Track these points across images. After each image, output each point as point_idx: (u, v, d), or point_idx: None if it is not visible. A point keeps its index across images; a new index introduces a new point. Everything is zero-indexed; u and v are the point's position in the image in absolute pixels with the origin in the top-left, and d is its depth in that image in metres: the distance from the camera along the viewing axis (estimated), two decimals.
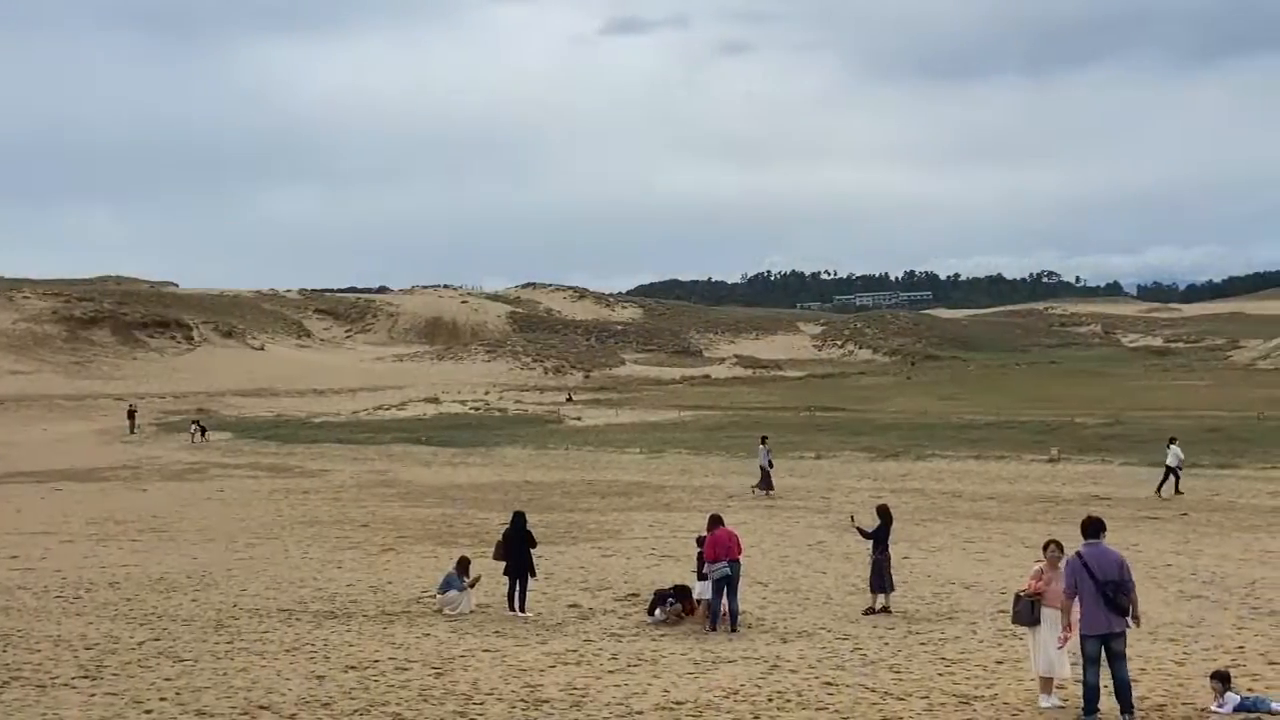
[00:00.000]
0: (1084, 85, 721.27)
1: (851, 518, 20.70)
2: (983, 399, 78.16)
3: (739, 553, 17.92)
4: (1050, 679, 12.94)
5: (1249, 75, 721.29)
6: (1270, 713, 12.15)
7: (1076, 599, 12.12)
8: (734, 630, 17.28)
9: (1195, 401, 73.15)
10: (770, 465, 36.28)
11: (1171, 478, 33.87)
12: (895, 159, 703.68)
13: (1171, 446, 34.28)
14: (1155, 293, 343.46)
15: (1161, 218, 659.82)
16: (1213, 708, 12.38)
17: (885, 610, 18.49)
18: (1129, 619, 12.14)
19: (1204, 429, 51.47)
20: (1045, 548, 13.36)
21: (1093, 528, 12.45)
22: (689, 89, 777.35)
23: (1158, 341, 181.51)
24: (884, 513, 19.49)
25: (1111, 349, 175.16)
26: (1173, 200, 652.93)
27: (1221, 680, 12.54)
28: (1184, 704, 12.52)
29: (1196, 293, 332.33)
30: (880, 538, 18.99)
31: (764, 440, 37.82)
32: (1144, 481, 36.94)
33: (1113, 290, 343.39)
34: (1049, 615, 12.85)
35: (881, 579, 18.77)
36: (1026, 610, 13.01)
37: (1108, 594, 12.02)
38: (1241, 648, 15.38)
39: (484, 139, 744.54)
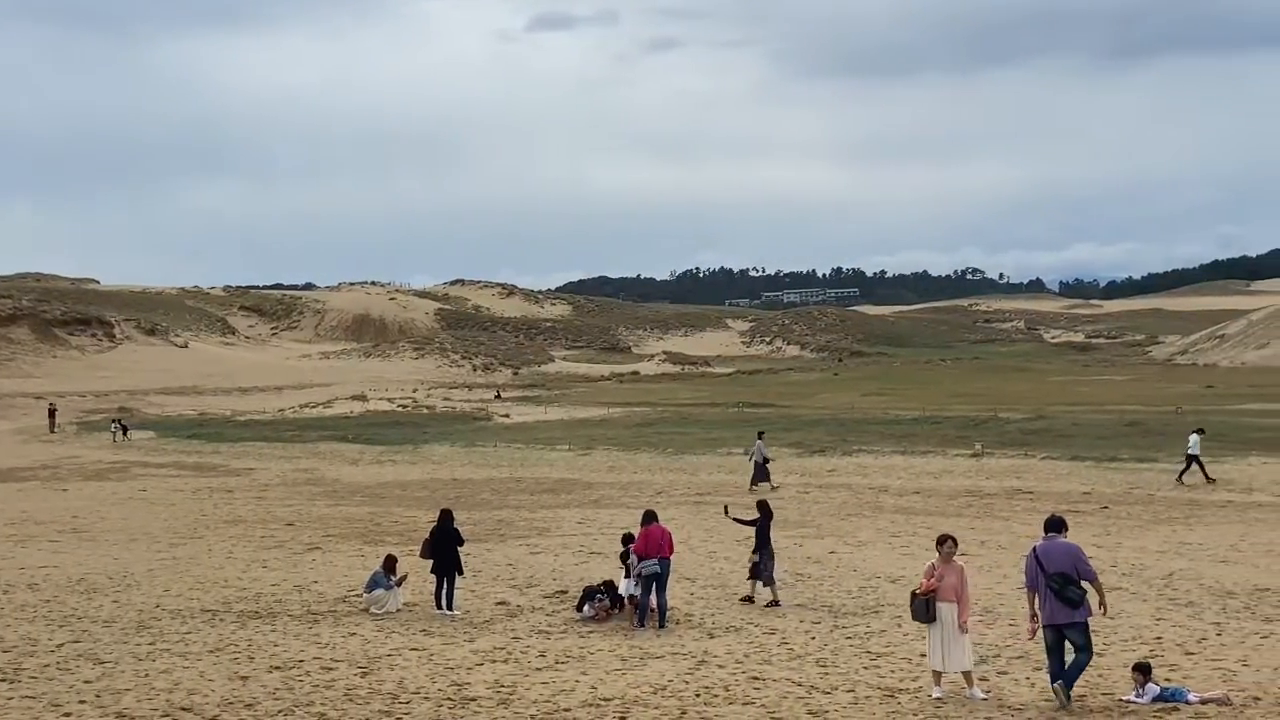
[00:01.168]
0: (1009, 83, 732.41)
1: (725, 508, 20.78)
2: (908, 395, 78.93)
3: (670, 551, 17.98)
4: (941, 672, 13.12)
5: (1171, 75, 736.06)
6: (1187, 703, 12.39)
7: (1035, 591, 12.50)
8: (662, 627, 17.33)
9: (1115, 396, 74.39)
10: (766, 460, 36.32)
11: (1195, 465, 34.57)
12: (823, 156, 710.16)
13: (1193, 435, 34.96)
14: (1077, 289, 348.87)
15: (1084, 215, 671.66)
16: (1132, 698, 12.60)
17: (774, 603, 18.72)
18: (1087, 609, 12.43)
19: (1123, 423, 52.37)
20: (940, 544, 13.47)
21: (1052, 524, 12.86)
22: (618, 85, 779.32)
23: (1079, 337, 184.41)
24: (763, 508, 19.68)
25: (1034, 345, 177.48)
26: (1095, 198, 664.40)
27: (1142, 672, 12.78)
28: (1103, 694, 12.73)
29: (1117, 289, 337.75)
30: (760, 533, 19.16)
31: (760, 435, 37.85)
32: (1065, 475, 37.52)
33: (1036, 287, 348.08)
34: (944, 610, 13.03)
35: (760, 570, 18.95)
36: (922, 608, 13.16)
37: (1054, 587, 12.36)
38: (1159, 639, 15.66)
39: (411, 135, 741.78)
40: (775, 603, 18.76)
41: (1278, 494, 32.25)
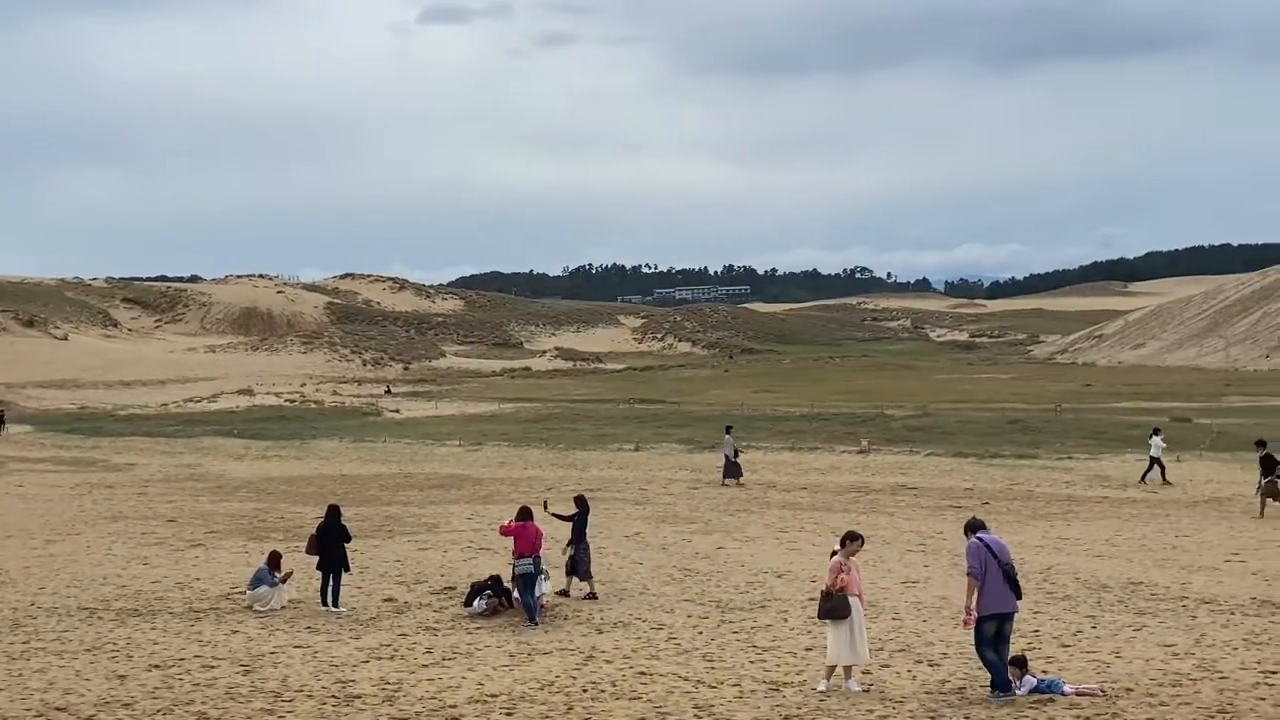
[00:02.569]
0: (899, 85, 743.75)
1: (545, 504, 20.82)
2: (797, 391, 79.83)
3: (540, 548, 17.97)
4: (853, 666, 13.30)
5: (1056, 80, 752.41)
6: (1062, 694, 12.69)
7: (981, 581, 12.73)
8: (533, 623, 17.29)
9: (998, 394, 75.97)
10: (735, 455, 36.35)
11: (1156, 467, 34.45)
12: (715, 154, 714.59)
13: (1154, 438, 35.11)
14: (962, 289, 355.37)
15: (971, 216, 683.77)
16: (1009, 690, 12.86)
17: (592, 596, 18.94)
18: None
19: (1005, 421, 53.54)
20: (845, 541, 13.65)
21: (978, 523, 13.16)
22: (511, 79, 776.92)
23: (963, 336, 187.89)
24: (580, 502, 19.83)
25: (920, 343, 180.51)
26: (982, 200, 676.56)
27: (1019, 665, 13.05)
28: (982, 686, 12.98)
29: (1000, 289, 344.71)
30: (577, 528, 19.26)
31: (729, 430, 37.85)
32: (949, 471, 38.23)
33: (922, 286, 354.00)
34: (853, 604, 13.23)
35: (576, 565, 19.12)
36: (842, 604, 13.27)
37: (1010, 574, 12.74)
38: (1037, 631, 16.02)
39: (301, 126, 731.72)
40: (592, 595, 19.01)
41: (1151, 490, 33.17)
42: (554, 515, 19.92)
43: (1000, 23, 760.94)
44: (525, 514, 18.17)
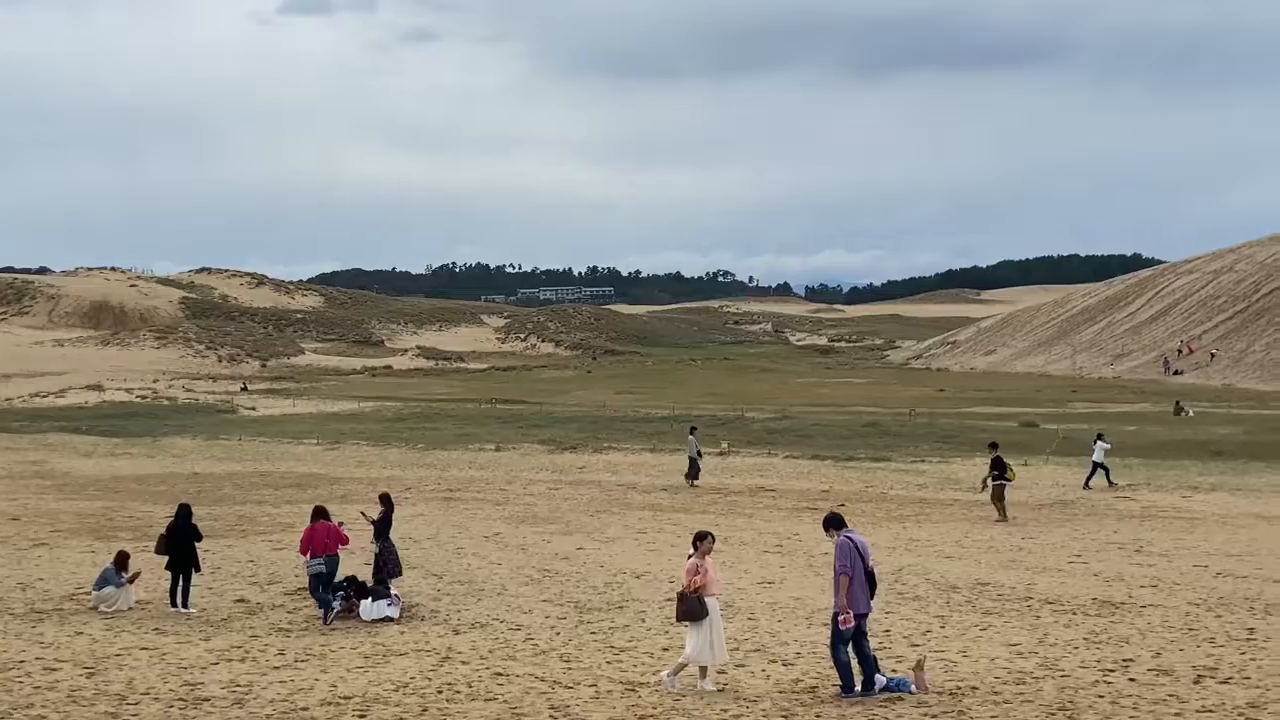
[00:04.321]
0: (765, 90, 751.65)
1: (363, 513, 20.78)
2: (660, 393, 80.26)
3: (335, 548, 17.82)
4: (709, 666, 13.43)
5: (918, 90, 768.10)
6: (910, 692, 12.97)
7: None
8: (328, 624, 17.11)
9: (855, 398, 77.31)
10: (699, 455, 36.10)
11: (1100, 471, 34.69)
12: (582, 155, 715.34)
13: (1098, 442, 35.51)
14: (821, 294, 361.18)
15: (833, 223, 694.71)
16: (858, 689, 13.10)
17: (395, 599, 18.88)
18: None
19: (861, 424, 54.50)
20: (699, 540, 13.77)
21: (840, 519, 13.27)
22: (375, 75, 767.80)
23: (823, 340, 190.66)
24: (385, 500, 19.87)
25: (780, 347, 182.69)
26: (844, 207, 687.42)
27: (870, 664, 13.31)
28: (833, 685, 13.20)
29: (858, 295, 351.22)
30: (382, 526, 19.27)
31: (693, 431, 37.57)
32: (806, 473, 38.78)
33: (783, 290, 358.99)
34: (711, 605, 13.35)
35: (384, 563, 19.05)
36: (696, 605, 13.36)
37: (871, 577, 12.98)
38: (888, 631, 16.35)
39: (156, 115, 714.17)
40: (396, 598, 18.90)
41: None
42: (369, 521, 19.77)
43: (866, 32, 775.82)
44: (317, 514, 18.18)
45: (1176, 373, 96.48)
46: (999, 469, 28.90)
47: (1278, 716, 12.01)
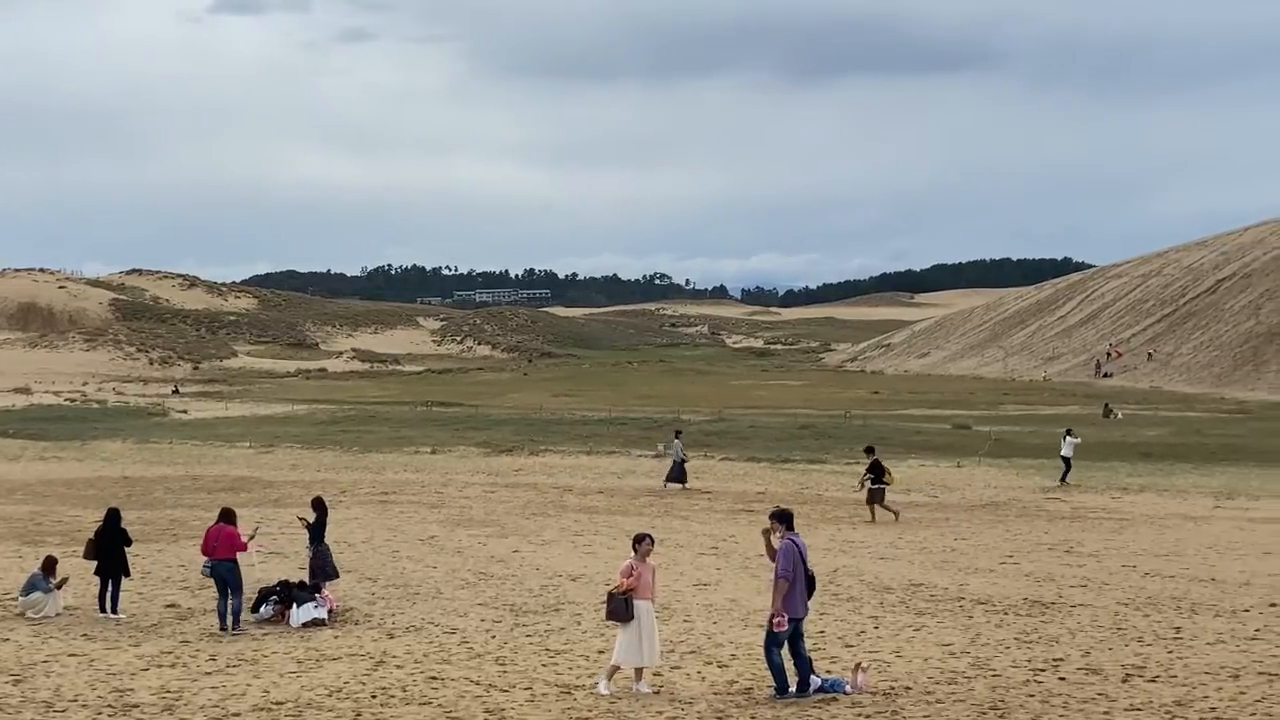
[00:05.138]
0: (703, 94, 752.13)
1: (299, 517, 20.62)
2: (596, 396, 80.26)
3: (226, 553, 17.54)
4: (643, 668, 13.43)
5: (856, 94, 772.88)
6: (844, 693, 13.07)
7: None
8: (235, 630, 16.90)
9: (791, 400, 77.76)
10: (684, 459, 35.85)
11: (1065, 465, 35.18)
12: (518, 157, 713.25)
13: (1067, 438, 35.59)
14: (758, 296, 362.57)
15: (769, 226, 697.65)
16: (792, 690, 13.18)
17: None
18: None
19: (797, 426, 54.83)
20: (638, 542, 13.78)
21: (789, 517, 13.44)
22: (308, 75, 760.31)
23: (759, 343, 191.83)
24: (319, 505, 19.73)
25: (717, 349, 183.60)
26: (780, 210, 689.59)
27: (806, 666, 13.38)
28: (769, 686, 13.25)
29: (794, 298, 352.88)
30: (316, 530, 19.22)
31: (678, 434, 37.31)
32: (742, 475, 38.94)
33: (720, 293, 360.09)
34: (643, 607, 13.34)
35: (321, 567, 18.95)
36: (621, 607, 13.36)
37: (811, 580, 13.13)
38: (823, 632, 16.44)
39: (83, 114, 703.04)
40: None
41: (933, 495, 34.40)
42: (305, 525, 19.60)
43: (806, 36, 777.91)
44: (222, 516, 18.01)
45: (1106, 375, 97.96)
46: (876, 472, 29.24)
47: (1204, 714, 12.22)
